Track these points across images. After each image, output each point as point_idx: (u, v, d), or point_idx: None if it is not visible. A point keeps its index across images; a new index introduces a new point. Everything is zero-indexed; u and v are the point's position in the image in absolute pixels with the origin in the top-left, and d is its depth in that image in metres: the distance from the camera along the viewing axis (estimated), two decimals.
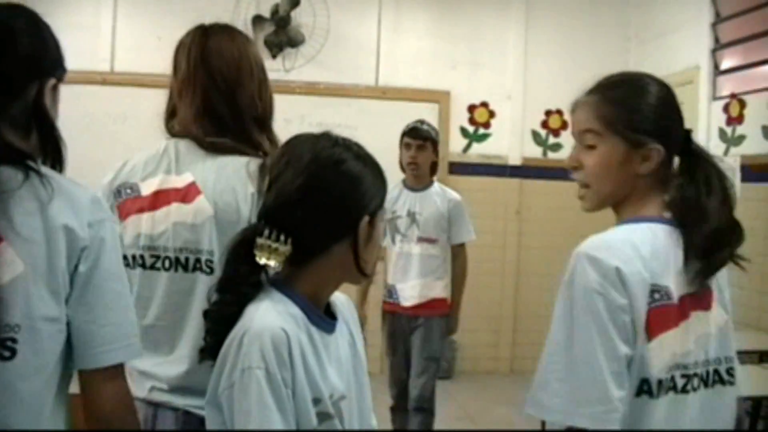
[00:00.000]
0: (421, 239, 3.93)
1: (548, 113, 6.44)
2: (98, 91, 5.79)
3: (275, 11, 5.75)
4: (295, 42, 5.82)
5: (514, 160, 6.36)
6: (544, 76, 6.41)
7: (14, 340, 1.24)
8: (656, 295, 1.38)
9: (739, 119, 5.04)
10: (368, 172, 1.42)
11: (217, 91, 1.83)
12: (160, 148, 1.87)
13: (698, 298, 1.44)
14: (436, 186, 4.07)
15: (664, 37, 6.01)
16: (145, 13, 6.00)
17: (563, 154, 6.47)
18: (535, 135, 6.44)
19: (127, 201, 1.82)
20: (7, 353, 1.24)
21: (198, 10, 5.75)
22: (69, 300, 1.31)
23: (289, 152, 1.42)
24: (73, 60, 5.51)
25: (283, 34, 5.79)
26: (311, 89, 6.01)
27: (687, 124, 1.61)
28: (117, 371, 1.36)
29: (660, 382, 1.38)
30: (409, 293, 3.94)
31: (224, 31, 1.93)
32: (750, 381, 3.50)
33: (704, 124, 5.39)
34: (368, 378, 1.53)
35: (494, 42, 6.39)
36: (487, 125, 6.35)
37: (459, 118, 6.30)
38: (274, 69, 5.90)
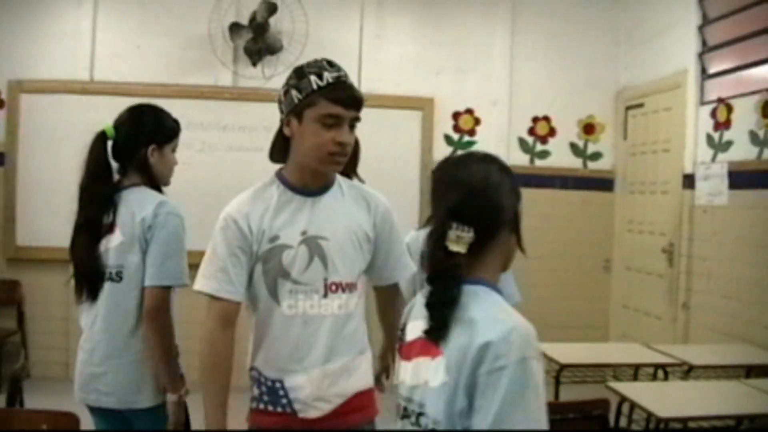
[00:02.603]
0: (335, 287, 2.16)
1: (535, 120, 6.32)
2: (78, 100, 5.69)
3: (253, 18, 5.63)
4: (273, 49, 5.69)
5: None
6: (530, 82, 6.30)
7: (120, 273, 2.50)
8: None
9: (727, 124, 4.90)
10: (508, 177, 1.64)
11: None
12: None
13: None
14: (343, 183, 2.30)
15: (653, 41, 5.89)
16: (125, 22, 5.92)
17: (551, 162, 6.40)
18: (522, 142, 6.32)
19: None
20: (117, 279, 2.50)
21: (177, 19, 5.82)
22: (145, 253, 2.49)
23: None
24: (53, 68, 5.48)
25: (261, 42, 5.66)
26: None
27: (675, 130, 2.08)
28: (156, 290, 2.47)
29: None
30: (316, 392, 2.15)
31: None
32: (735, 397, 3.38)
33: (692, 129, 5.26)
34: None
35: (480, 47, 6.26)
36: (472, 132, 6.22)
37: (443, 125, 6.18)
38: (255, 77, 5.80)
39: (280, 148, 2.22)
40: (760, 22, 4.62)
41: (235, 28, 5.66)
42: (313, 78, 2.07)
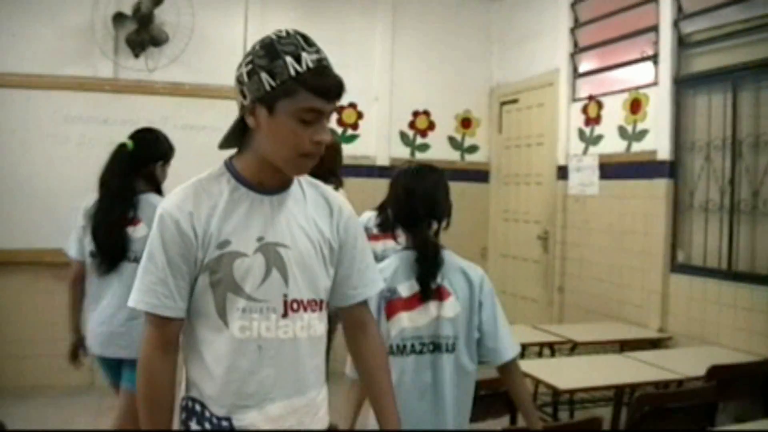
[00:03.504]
0: (296, 305, 1.77)
1: (416, 114, 6.56)
2: None
3: (137, 9, 5.51)
4: (158, 41, 5.61)
5: (382, 160, 6.42)
6: (410, 78, 6.54)
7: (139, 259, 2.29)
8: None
9: (597, 120, 5.31)
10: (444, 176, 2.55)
11: None
12: None
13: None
14: (303, 181, 1.88)
15: (526, 41, 6.24)
16: None
17: (431, 155, 6.63)
18: (403, 135, 6.54)
19: None
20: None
21: (55, 6, 5.60)
22: None
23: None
24: None
25: (145, 33, 5.56)
26: (175, 90, 5.82)
27: (548, 125, 2.61)
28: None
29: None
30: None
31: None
32: (613, 369, 3.70)
33: (564, 124, 5.64)
34: None
35: (361, 44, 6.43)
36: (355, 126, 6.38)
37: None
38: (137, 68, 5.69)
39: (236, 136, 1.81)
40: (627, 27, 5.03)
41: (119, 17, 5.52)
42: (289, 60, 1.63)
